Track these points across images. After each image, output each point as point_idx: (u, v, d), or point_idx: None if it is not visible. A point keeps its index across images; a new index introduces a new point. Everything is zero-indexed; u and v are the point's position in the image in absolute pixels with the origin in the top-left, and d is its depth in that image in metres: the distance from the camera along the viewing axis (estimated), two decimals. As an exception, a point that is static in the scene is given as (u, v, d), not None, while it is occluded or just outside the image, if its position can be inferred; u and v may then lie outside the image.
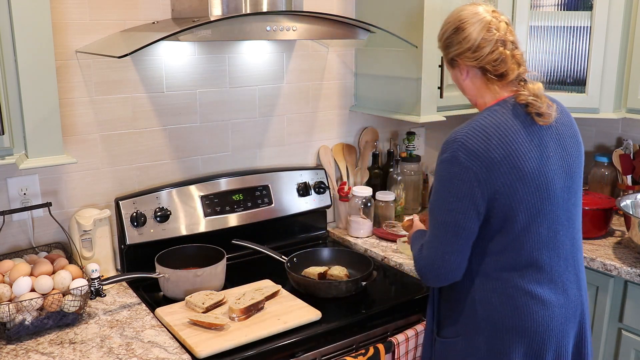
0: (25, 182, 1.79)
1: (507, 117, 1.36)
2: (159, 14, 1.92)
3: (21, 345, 1.49)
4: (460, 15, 1.41)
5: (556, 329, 1.41)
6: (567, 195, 1.43)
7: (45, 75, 1.48)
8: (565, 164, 1.42)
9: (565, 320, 1.43)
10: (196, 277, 1.76)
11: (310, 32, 1.72)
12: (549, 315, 1.40)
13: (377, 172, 2.48)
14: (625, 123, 2.48)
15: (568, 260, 1.45)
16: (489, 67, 1.39)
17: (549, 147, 1.39)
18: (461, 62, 1.43)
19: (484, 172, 1.32)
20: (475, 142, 1.32)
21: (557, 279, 1.42)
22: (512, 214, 1.35)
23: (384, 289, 1.92)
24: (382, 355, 1.65)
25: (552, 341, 1.41)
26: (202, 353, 1.46)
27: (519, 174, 1.33)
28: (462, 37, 1.39)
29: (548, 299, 1.40)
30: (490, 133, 1.33)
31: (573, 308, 1.45)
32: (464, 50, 1.40)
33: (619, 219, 2.29)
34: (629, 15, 2.11)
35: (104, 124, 1.90)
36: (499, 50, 1.38)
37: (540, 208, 1.37)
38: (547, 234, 1.39)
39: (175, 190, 1.98)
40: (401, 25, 2.11)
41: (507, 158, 1.32)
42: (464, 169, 1.32)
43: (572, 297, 1.45)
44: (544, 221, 1.38)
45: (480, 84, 1.43)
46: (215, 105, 2.10)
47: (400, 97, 2.20)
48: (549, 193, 1.38)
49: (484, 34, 1.37)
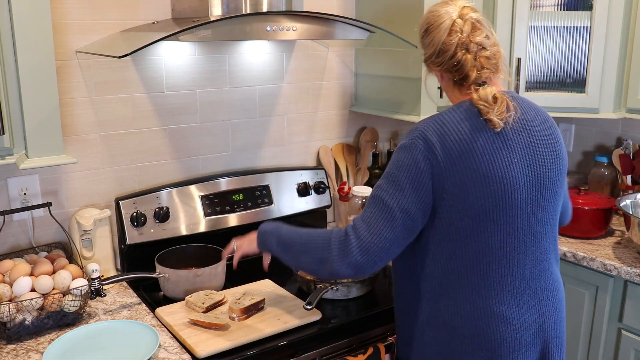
0: (26, 182, 1.79)
1: (467, 116, 1.29)
2: (159, 14, 1.92)
3: (21, 345, 1.49)
4: (428, 16, 1.37)
5: (507, 354, 1.32)
6: (532, 209, 1.31)
7: (45, 75, 1.48)
8: (534, 175, 1.31)
9: (517, 346, 1.32)
10: (196, 277, 1.76)
11: (310, 32, 1.72)
12: (501, 335, 1.31)
13: (377, 172, 2.48)
14: (625, 123, 2.48)
15: (526, 282, 1.33)
16: (451, 71, 1.34)
17: (514, 153, 1.29)
18: (431, 66, 1.39)
19: (438, 166, 1.26)
20: (434, 134, 1.27)
21: (510, 301, 1.31)
22: (457, 218, 1.28)
23: (384, 289, 1.92)
24: (382, 355, 1.65)
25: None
26: (202, 353, 1.46)
27: (473, 174, 1.25)
28: (429, 40, 1.36)
29: (502, 318, 1.31)
30: (448, 128, 1.28)
31: (530, 335, 1.34)
32: (430, 54, 1.36)
33: (618, 219, 2.29)
34: (629, 15, 2.11)
35: (104, 124, 1.90)
36: (460, 53, 1.31)
37: (491, 216, 1.27)
38: (500, 247, 1.29)
39: (175, 190, 1.98)
40: (401, 25, 2.11)
41: (462, 155, 1.25)
42: (422, 157, 1.27)
43: (529, 322, 1.34)
44: (496, 232, 1.28)
45: (452, 85, 1.38)
46: (215, 105, 2.10)
47: (400, 97, 2.20)
48: (505, 201, 1.27)
49: (445, 37, 1.32)
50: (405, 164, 1.29)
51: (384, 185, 1.31)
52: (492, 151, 1.28)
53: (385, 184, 1.31)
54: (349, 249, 1.29)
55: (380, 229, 1.28)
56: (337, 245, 1.31)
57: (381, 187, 1.32)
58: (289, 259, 1.45)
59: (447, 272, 1.33)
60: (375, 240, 1.28)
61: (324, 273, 1.36)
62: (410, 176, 1.27)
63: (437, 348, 1.36)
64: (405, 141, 1.31)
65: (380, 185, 1.32)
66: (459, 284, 1.32)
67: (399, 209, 1.27)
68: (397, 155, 1.32)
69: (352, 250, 1.29)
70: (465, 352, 1.33)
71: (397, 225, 1.28)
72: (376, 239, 1.28)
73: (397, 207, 1.27)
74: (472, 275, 1.31)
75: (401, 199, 1.27)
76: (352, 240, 1.30)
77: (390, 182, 1.30)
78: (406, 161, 1.29)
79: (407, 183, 1.28)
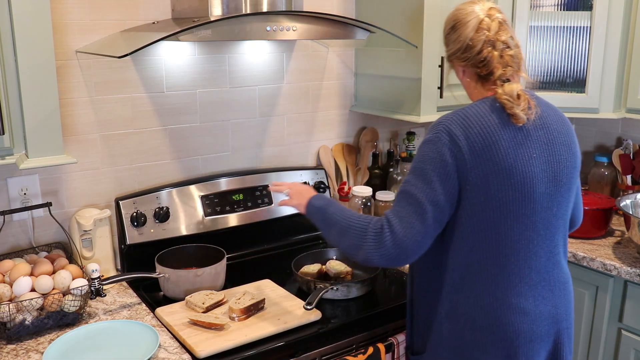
0: (26, 182, 1.79)
1: (488, 110, 1.34)
2: (159, 14, 1.92)
3: (21, 345, 1.49)
4: (456, 14, 1.42)
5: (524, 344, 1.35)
6: (549, 204, 1.36)
7: (45, 75, 1.48)
8: (552, 170, 1.36)
9: (533, 336, 1.36)
10: (196, 277, 1.76)
11: (310, 32, 1.72)
12: (518, 326, 1.35)
13: (377, 172, 2.49)
14: (625, 123, 2.48)
15: (541, 274, 1.38)
16: (476, 66, 1.39)
17: (534, 148, 1.34)
18: (455, 61, 1.44)
19: (462, 159, 1.29)
20: (458, 127, 1.31)
21: (527, 292, 1.36)
22: (479, 210, 1.31)
23: (384, 289, 1.92)
24: (382, 355, 1.65)
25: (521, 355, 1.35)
26: (202, 353, 1.46)
27: (495, 167, 1.30)
28: (456, 36, 1.40)
29: (519, 309, 1.35)
30: (472, 123, 1.32)
31: (545, 326, 1.38)
32: (456, 50, 1.41)
33: (618, 219, 2.29)
34: (629, 15, 2.11)
35: (104, 124, 1.90)
36: (486, 50, 1.37)
37: (512, 208, 1.32)
38: (519, 240, 1.33)
39: (175, 190, 1.98)
40: (401, 25, 2.11)
41: (485, 148, 1.30)
42: (447, 150, 1.30)
43: (544, 313, 1.38)
44: (516, 224, 1.33)
45: (475, 81, 1.43)
46: (215, 105, 2.10)
47: (400, 97, 2.20)
48: (525, 195, 1.32)
49: (473, 34, 1.37)
50: (431, 158, 1.32)
51: (412, 180, 1.34)
52: (514, 145, 1.32)
53: (414, 179, 1.33)
54: (384, 242, 1.31)
55: (413, 223, 1.30)
56: (372, 237, 1.33)
57: (410, 182, 1.34)
58: (330, 237, 1.47)
59: (468, 265, 1.36)
60: (409, 234, 1.30)
61: (358, 258, 1.38)
62: (437, 169, 1.30)
63: (454, 340, 1.39)
64: (430, 135, 1.34)
65: (409, 180, 1.34)
66: (479, 276, 1.35)
67: (429, 202, 1.30)
68: (422, 150, 1.35)
69: (386, 244, 1.31)
70: (482, 343, 1.36)
71: (428, 218, 1.30)
72: (409, 233, 1.30)
73: (426, 200, 1.30)
74: (492, 267, 1.34)
75: (430, 192, 1.30)
76: (386, 234, 1.31)
77: (418, 176, 1.33)
78: (432, 155, 1.32)
79: (434, 176, 1.30)
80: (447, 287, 1.40)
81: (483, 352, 1.36)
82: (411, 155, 2.48)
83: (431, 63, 2.08)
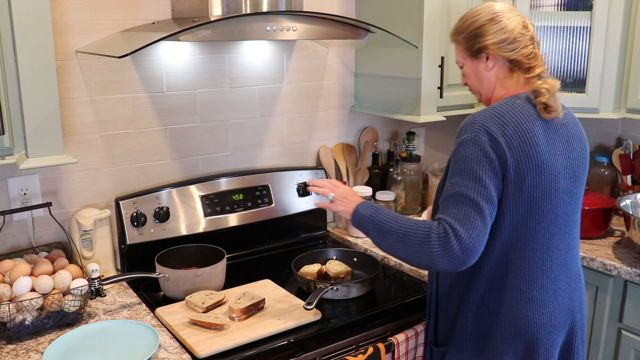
0: (26, 182, 1.79)
1: (524, 107, 1.38)
2: (159, 14, 1.92)
3: (21, 345, 1.49)
4: (494, 8, 1.44)
5: (544, 335, 1.40)
6: (569, 199, 1.41)
7: (45, 75, 1.48)
8: (571, 166, 1.42)
9: (552, 328, 1.41)
10: (196, 277, 1.76)
11: (310, 32, 1.72)
12: (539, 318, 1.39)
13: (377, 172, 2.48)
14: (625, 123, 2.48)
15: (561, 267, 1.42)
16: (521, 59, 1.41)
17: (557, 145, 1.39)
18: (492, 52, 1.42)
19: (502, 156, 1.31)
20: (493, 125, 1.33)
21: (548, 285, 1.40)
22: (512, 205, 1.34)
23: (384, 289, 1.92)
24: (383, 355, 1.65)
25: (541, 346, 1.39)
26: (202, 353, 1.46)
27: (531, 163, 1.33)
28: (499, 27, 1.41)
29: (540, 302, 1.39)
30: (507, 119, 1.34)
31: (562, 317, 1.43)
32: (500, 40, 1.41)
33: (618, 219, 2.29)
34: (629, 15, 2.11)
35: (104, 124, 1.90)
36: (530, 46, 1.42)
37: (540, 204, 1.36)
38: (543, 234, 1.38)
39: (175, 190, 1.98)
40: (401, 25, 2.11)
41: (521, 145, 1.33)
42: (489, 147, 1.31)
43: (561, 305, 1.42)
44: (542, 219, 1.37)
45: (504, 75, 1.45)
46: (215, 105, 2.10)
47: (400, 97, 2.20)
48: (551, 191, 1.37)
49: (521, 28, 1.41)
50: (475, 156, 1.32)
51: (461, 182, 1.32)
52: (544, 142, 1.36)
53: (462, 180, 1.32)
54: (450, 247, 1.29)
55: (475, 225, 1.30)
56: (437, 243, 1.31)
57: (458, 184, 1.33)
58: (384, 246, 1.43)
59: (498, 260, 1.39)
60: (474, 236, 1.30)
61: (421, 264, 1.37)
62: (484, 166, 1.31)
63: (479, 333, 1.43)
64: (468, 135, 1.34)
65: (457, 183, 1.33)
66: (508, 271, 1.39)
67: (484, 200, 1.30)
68: (464, 150, 1.34)
69: (453, 248, 1.29)
70: (505, 335, 1.39)
71: (486, 216, 1.31)
72: (474, 235, 1.29)
73: (481, 199, 1.30)
74: (519, 261, 1.38)
75: (482, 190, 1.31)
76: (451, 238, 1.29)
77: (466, 176, 1.32)
78: (475, 153, 1.32)
79: (483, 174, 1.31)
80: (477, 282, 1.42)
81: (506, 344, 1.39)
82: (411, 155, 2.48)
83: (431, 63, 2.08)
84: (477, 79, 1.49)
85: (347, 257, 2.00)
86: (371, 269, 1.90)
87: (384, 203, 2.30)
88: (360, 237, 2.26)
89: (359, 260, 1.99)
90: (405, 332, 1.72)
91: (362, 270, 1.94)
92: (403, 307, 1.80)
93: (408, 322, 1.78)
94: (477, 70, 1.48)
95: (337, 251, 2.04)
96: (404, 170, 2.44)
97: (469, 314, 1.44)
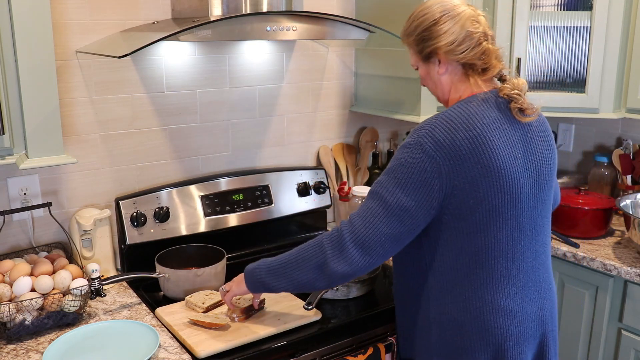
0: (26, 182, 1.79)
1: (478, 110, 1.29)
2: (159, 14, 1.92)
3: (21, 345, 1.49)
4: (437, 7, 1.33)
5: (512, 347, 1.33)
6: (534, 203, 1.34)
7: (45, 75, 1.49)
8: (535, 169, 1.34)
9: (521, 339, 1.34)
10: (196, 277, 1.76)
11: (310, 32, 1.72)
12: (507, 329, 1.32)
13: (377, 172, 2.48)
14: (625, 123, 2.48)
15: (528, 275, 1.35)
16: (474, 60, 1.32)
17: (518, 147, 1.31)
18: (442, 56, 1.34)
19: (447, 164, 1.24)
20: (442, 132, 1.25)
21: (515, 294, 1.33)
22: (468, 213, 1.27)
23: (384, 289, 1.92)
24: (383, 355, 1.65)
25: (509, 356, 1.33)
26: (202, 353, 1.46)
27: (484, 170, 1.25)
28: (444, 29, 1.31)
29: (507, 312, 1.32)
30: (458, 124, 1.26)
31: (532, 328, 1.36)
32: (447, 43, 1.31)
33: (618, 219, 2.29)
34: (629, 15, 2.11)
35: (104, 124, 1.90)
36: (483, 44, 1.32)
37: (501, 210, 1.28)
38: (507, 241, 1.30)
39: (175, 190, 1.98)
40: (401, 25, 2.10)
41: (473, 151, 1.25)
42: (427, 157, 1.24)
43: (530, 315, 1.36)
44: (504, 226, 1.29)
45: (458, 79, 1.36)
46: (215, 105, 2.10)
47: (400, 97, 2.20)
48: (512, 196, 1.29)
49: (469, 26, 1.30)
50: (408, 163, 1.27)
51: (384, 182, 1.30)
52: (502, 146, 1.28)
53: (385, 181, 1.29)
54: (344, 243, 1.27)
55: (376, 224, 1.26)
56: (330, 244, 1.30)
57: (381, 183, 1.30)
58: (284, 284, 1.39)
59: (456, 268, 1.32)
60: (371, 234, 1.26)
61: (322, 281, 1.33)
62: (412, 175, 1.26)
63: (443, 346, 1.36)
64: (411, 139, 1.28)
65: (380, 181, 1.31)
66: (467, 280, 1.32)
67: (397, 206, 1.26)
68: (400, 153, 1.29)
69: (346, 244, 1.27)
70: (471, 348, 1.33)
71: (393, 221, 1.26)
72: (371, 233, 1.26)
73: (395, 203, 1.26)
74: (481, 270, 1.31)
75: (400, 196, 1.26)
76: (345, 234, 1.28)
77: (391, 179, 1.28)
78: (409, 160, 1.27)
79: (408, 181, 1.26)
80: (434, 292, 1.36)
81: (472, 357, 1.33)
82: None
83: (431, 63, 2.07)
84: (431, 82, 1.42)
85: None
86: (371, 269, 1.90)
87: (384, 203, 2.30)
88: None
89: None
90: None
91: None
92: (403, 307, 1.80)
93: (408, 322, 1.78)
94: (430, 74, 1.40)
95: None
96: (404, 170, 2.44)
97: (431, 326, 1.37)
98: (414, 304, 1.42)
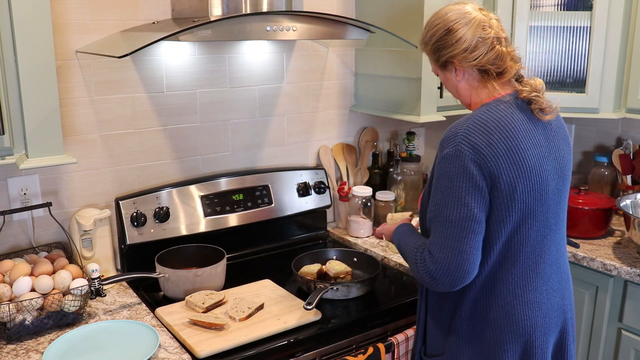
0: (26, 182, 1.79)
1: (507, 112, 1.32)
2: (159, 14, 1.92)
3: (21, 345, 1.49)
4: (450, 16, 1.36)
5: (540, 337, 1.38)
6: (558, 198, 1.39)
7: (45, 75, 1.48)
8: (558, 165, 1.38)
9: (546, 329, 1.39)
10: (196, 277, 1.76)
11: (310, 32, 1.72)
12: (535, 320, 1.37)
13: (377, 172, 2.48)
14: (625, 123, 2.48)
15: (552, 267, 1.40)
16: (488, 65, 1.35)
17: (544, 146, 1.35)
18: (457, 64, 1.38)
19: (487, 168, 1.27)
20: (478, 136, 1.28)
21: (541, 287, 1.38)
22: (506, 214, 1.30)
23: (384, 289, 1.92)
24: (383, 355, 1.65)
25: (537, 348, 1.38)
26: (202, 353, 1.46)
27: (520, 170, 1.29)
28: (456, 38, 1.35)
29: (534, 304, 1.37)
30: (492, 127, 1.29)
31: (555, 317, 1.41)
32: (460, 51, 1.35)
33: (618, 219, 2.29)
34: (628, 15, 2.11)
35: (104, 124, 1.90)
36: (496, 48, 1.34)
37: (533, 209, 1.33)
38: (535, 237, 1.35)
39: (175, 190, 1.98)
40: (401, 25, 2.11)
41: (508, 153, 1.28)
42: (470, 162, 1.27)
43: (554, 305, 1.41)
44: (535, 223, 1.34)
45: (477, 83, 1.39)
46: (215, 105, 2.10)
47: (400, 97, 2.20)
48: (542, 194, 1.33)
49: (480, 32, 1.33)
50: (455, 174, 1.28)
51: (442, 202, 1.31)
52: (532, 145, 1.33)
53: (444, 200, 1.30)
54: (434, 276, 1.30)
55: (453, 246, 1.28)
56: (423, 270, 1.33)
57: (440, 204, 1.31)
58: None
59: (491, 267, 1.36)
60: (452, 259, 1.28)
61: None
62: (464, 184, 1.27)
63: (475, 341, 1.40)
64: (450, 150, 1.30)
65: (439, 203, 1.31)
66: (502, 277, 1.36)
67: (464, 218, 1.28)
68: (445, 167, 1.30)
69: (437, 277, 1.30)
70: (502, 341, 1.37)
71: (469, 236, 1.28)
72: (453, 258, 1.28)
73: (462, 219, 1.28)
74: (513, 267, 1.35)
75: (462, 208, 1.28)
76: (430, 267, 1.31)
77: (447, 195, 1.30)
78: (456, 170, 1.28)
79: (463, 191, 1.27)
80: (470, 291, 1.38)
81: (503, 349, 1.37)
82: (411, 155, 2.48)
83: (431, 63, 2.07)
84: (452, 88, 1.45)
85: (347, 257, 2.00)
86: (371, 269, 1.90)
87: (384, 203, 2.30)
88: (360, 237, 2.27)
89: (359, 260, 1.99)
90: (405, 332, 1.72)
91: (362, 270, 1.94)
92: (403, 307, 1.80)
93: (408, 322, 1.78)
94: (449, 81, 1.44)
95: (337, 251, 2.04)
96: (404, 170, 2.44)
97: (462, 322, 1.41)
98: (449, 302, 1.44)
